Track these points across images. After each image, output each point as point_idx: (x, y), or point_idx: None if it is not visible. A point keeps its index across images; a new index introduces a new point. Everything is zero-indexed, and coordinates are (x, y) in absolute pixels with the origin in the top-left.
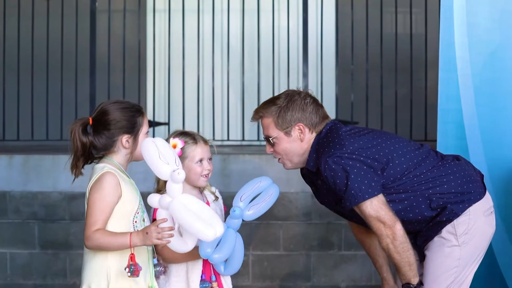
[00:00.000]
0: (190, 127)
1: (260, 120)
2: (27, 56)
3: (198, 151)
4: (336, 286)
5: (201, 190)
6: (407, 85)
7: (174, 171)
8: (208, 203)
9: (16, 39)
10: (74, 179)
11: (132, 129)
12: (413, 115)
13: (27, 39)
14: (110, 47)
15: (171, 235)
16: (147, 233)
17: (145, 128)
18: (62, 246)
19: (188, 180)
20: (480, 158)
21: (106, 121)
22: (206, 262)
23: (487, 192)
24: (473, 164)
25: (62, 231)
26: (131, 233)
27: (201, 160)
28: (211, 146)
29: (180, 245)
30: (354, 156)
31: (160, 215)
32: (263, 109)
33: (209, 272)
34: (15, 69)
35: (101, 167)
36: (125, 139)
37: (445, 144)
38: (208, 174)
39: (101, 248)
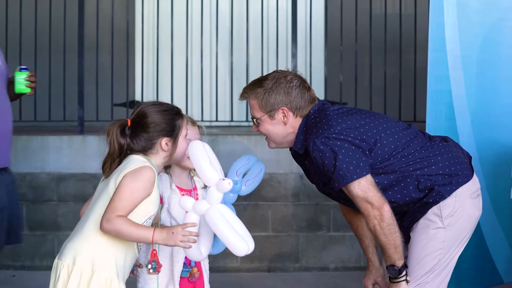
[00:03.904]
0: (179, 107)
1: (247, 99)
2: (15, 37)
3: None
4: (324, 267)
5: (192, 175)
6: (397, 65)
7: (223, 180)
8: (196, 189)
9: (4, 20)
10: (103, 179)
11: (172, 132)
12: (402, 96)
13: (15, 20)
14: (99, 27)
15: (195, 241)
16: (172, 233)
17: (184, 130)
18: (50, 228)
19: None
20: (470, 139)
21: (145, 124)
22: None
23: (474, 175)
24: (463, 145)
25: (50, 213)
26: (154, 228)
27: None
28: (200, 128)
29: (195, 252)
30: (342, 137)
31: (189, 219)
32: (250, 89)
33: None
34: (2, 49)
35: (143, 160)
36: (164, 142)
37: (434, 125)
38: None
39: (118, 234)
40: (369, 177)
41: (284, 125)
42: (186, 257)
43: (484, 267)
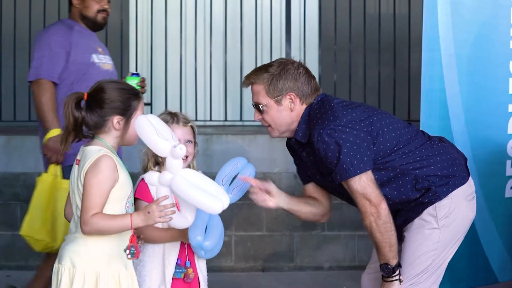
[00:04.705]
0: (173, 107)
1: (250, 86)
2: (9, 36)
3: (175, 132)
4: (319, 267)
5: None
6: (391, 65)
7: (174, 146)
8: None
9: None
10: (61, 152)
11: (125, 111)
12: (396, 95)
13: (9, 19)
14: None
15: (174, 212)
16: (148, 212)
17: (139, 113)
18: None
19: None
20: (464, 138)
21: (101, 99)
22: (182, 246)
23: (470, 177)
24: (457, 144)
25: None
26: (131, 214)
27: None
28: (192, 128)
29: (180, 221)
30: (347, 129)
31: (160, 193)
32: (255, 75)
33: (184, 258)
34: None
35: (97, 149)
36: (116, 120)
37: (428, 124)
38: (186, 157)
39: (100, 233)
40: (369, 173)
41: (291, 111)
42: (180, 259)
43: (479, 265)
